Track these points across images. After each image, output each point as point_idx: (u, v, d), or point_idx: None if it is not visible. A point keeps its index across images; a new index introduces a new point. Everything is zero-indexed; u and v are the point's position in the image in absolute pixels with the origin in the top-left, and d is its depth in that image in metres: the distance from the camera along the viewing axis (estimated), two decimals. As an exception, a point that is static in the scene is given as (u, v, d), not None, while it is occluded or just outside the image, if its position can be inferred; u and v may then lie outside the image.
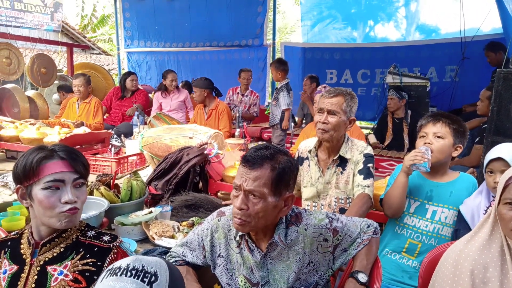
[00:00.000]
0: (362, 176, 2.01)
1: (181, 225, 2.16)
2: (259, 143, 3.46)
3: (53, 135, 3.88)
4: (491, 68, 4.86)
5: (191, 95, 6.34)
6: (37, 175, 1.20)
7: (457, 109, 5.32)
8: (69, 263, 1.23)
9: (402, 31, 7.17)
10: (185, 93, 5.66)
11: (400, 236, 1.97)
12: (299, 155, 2.23)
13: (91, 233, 1.31)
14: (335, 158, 2.08)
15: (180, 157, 2.79)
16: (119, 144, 3.95)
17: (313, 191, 2.14)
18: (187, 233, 2.01)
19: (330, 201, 2.11)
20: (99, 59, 13.50)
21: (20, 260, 1.25)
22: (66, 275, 1.21)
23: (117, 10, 8.12)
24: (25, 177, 1.22)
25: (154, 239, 1.97)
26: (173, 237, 2.01)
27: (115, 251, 1.26)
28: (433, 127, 1.88)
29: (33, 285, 1.21)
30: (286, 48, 7.36)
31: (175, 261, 1.53)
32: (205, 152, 2.87)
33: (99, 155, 3.73)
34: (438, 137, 1.86)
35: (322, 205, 2.14)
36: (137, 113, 4.48)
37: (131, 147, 3.75)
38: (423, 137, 1.90)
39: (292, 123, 4.86)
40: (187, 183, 2.74)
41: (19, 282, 1.22)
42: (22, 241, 1.29)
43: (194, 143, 3.08)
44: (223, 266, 1.45)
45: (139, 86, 6.13)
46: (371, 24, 7.30)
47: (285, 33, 15.67)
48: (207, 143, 3.04)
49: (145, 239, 2.04)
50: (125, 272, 0.93)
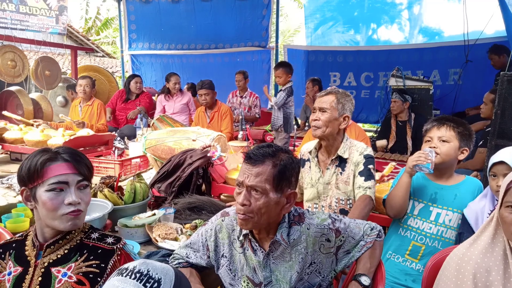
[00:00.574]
0: (363, 177, 2.02)
1: (184, 228, 2.16)
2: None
3: (57, 137, 3.90)
4: (495, 71, 4.86)
5: (194, 98, 6.35)
6: (41, 177, 1.21)
7: (460, 112, 5.31)
8: (73, 265, 1.24)
9: (405, 34, 7.16)
10: (188, 95, 5.67)
11: (403, 238, 1.96)
12: (301, 157, 2.25)
13: (95, 235, 1.31)
14: (334, 158, 2.09)
15: (183, 159, 2.80)
16: (123, 146, 3.97)
17: (313, 192, 2.15)
18: (190, 235, 2.01)
19: (330, 202, 2.11)
20: (103, 61, 13.57)
21: (24, 261, 1.26)
22: (70, 277, 1.22)
23: (121, 13, 8.16)
24: (30, 179, 1.23)
25: (157, 241, 1.98)
26: (176, 239, 2.01)
27: (119, 253, 1.27)
28: (437, 131, 1.88)
29: (37, 287, 1.21)
30: (289, 51, 7.36)
31: (179, 263, 1.53)
32: (208, 154, 2.87)
33: (102, 157, 3.74)
34: (443, 141, 1.85)
35: (322, 206, 2.14)
36: (140, 115, 4.50)
37: (135, 149, 3.76)
38: (428, 141, 1.90)
39: (294, 126, 4.84)
40: (190, 185, 2.74)
41: (24, 283, 1.22)
42: (26, 242, 1.30)
43: (197, 146, 3.09)
44: (226, 266, 1.46)
45: (143, 88, 6.15)
46: (374, 27, 7.30)
47: (288, 36, 15.70)
48: (210, 146, 3.05)
49: (148, 241, 2.04)
50: (130, 274, 0.96)
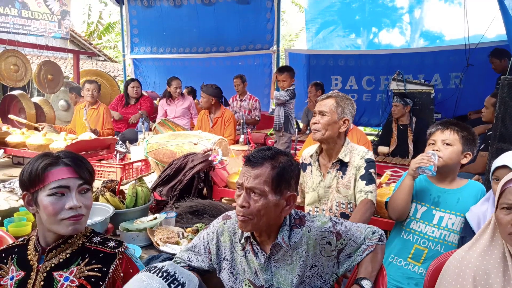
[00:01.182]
0: (364, 181, 2.02)
1: (185, 231, 2.16)
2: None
3: (59, 141, 3.91)
4: (496, 74, 4.85)
5: (195, 100, 6.36)
6: (43, 182, 1.22)
7: (462, 115, 5.31)
8: (75, 269, 1.24)
9: (406, 37, 7.17)
10: (190, 99, 5.68)
11: (406, 241, 1.96)
12: (303, 162, 2.26)
13: (96, 239, 1.31)
14: (334, 161, 2.10)
15: (184, 163, 2.81)
16: (124, 150, 3.98)
17: (314, 196, 2.16)
18: (191, 239, 2.01)
19: (331, 205, 2.11)
20: (105, 65, 13.63)
21: (27, 266, 1.26)
22: (72, 281, 1.22)
23: (123, 17, 8.19)
24: (31, 183, 1.23)
25: (158, 245, 1.98)
26: (177, 243, 2.01)
27: (121, 257, 1.27)
28: (441, 134, 1.88)
29: (40, 291, 1.21)
30: (290, 55, 7.37)
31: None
32: (210, 158, 2.88)
33: (104, 161, 3.75)
34: (446, 144, 1.86)
35: (323, 210, 2.14)
36: (142, 119, 4.51)
37: (136, 153, 3.77)
38: (432, 144, 1.91)
39: (296, 129, 4.84)
40: (192, 189, 2.74)
41: None
42: (28, 247, 1.30)
43: (198, 150, 3.09)
44: (228, 269, 1.46)
45: (144, 92, 6.15)
46: (375, 31, 7.31)
47: (289, 41, 15.74)
48: (211, 150, 3.06)
49: (150, 245, 2.04)
50: (157, 271, 1.03)
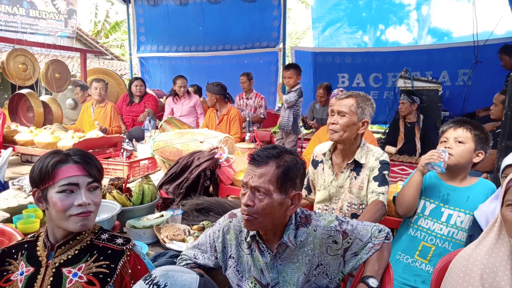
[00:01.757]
0: (377, 183, 1.99)
1: (191, 229, 2.17)
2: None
3: (66, 139, 3.95)
4: (505, 71, 4.80)
5: (201, 98, 6.37)
6: (52, 179, 1.23)
7: (470, 113, 5.26)
8: (84, 265, 1.25)
9: (414, 34, 7.10)
10: (196, 98, 5.69)
11: (413, 238, 1.95)
12: (314, 158, 2.22)
13: (104, 236, 1.33)
14: (349, 162, 2.06)
15: (191, 161, 2.82)
16: (131, 148, 4.00)
17: (325, 194, 2.13)
18: (197, 236, 2.02)
19: (342, 205, 2.09)
20: (111, 64, 13.71)
21: (36, 262, 1.28)
22: (80, 277, 1.23)
23: (130, 16, 8.22)
24: (41, 180, 1.24)
25: (165, 242, 1.99)
26: (183, 240, 2.02)
27: (128, 253, 1.28)
28: (454, 132, 1.87)
29: (49, 287, 1.23)
30: (296, 52, 7.34)
31: (186, 264, 1.54)
32: (216, 156, 2.88)
33: (111, 159, 3.78)
34: (459, 142, 1.85)
35: (333, 209, 2.12)
36: (148, 117, 4.53)
37: (143, 151, 3.79)
38: (444, 142, 1.90)
39: (301, 128, 4.82)
40: (198, 187, 2.75)
41: (35, 283, 1.24)
42: (38, 243, 1.32)
43: (205, 148, 3.10)
44: (234, 267, 1.46)
45: (149, 90, 6.17)
46: (382, 28, 7.25)
47: (295, 38, 15.70)
48: (217, 148, 3.06)
49: (156, 242, 2.05)
50: (150, 283, 1.04)
